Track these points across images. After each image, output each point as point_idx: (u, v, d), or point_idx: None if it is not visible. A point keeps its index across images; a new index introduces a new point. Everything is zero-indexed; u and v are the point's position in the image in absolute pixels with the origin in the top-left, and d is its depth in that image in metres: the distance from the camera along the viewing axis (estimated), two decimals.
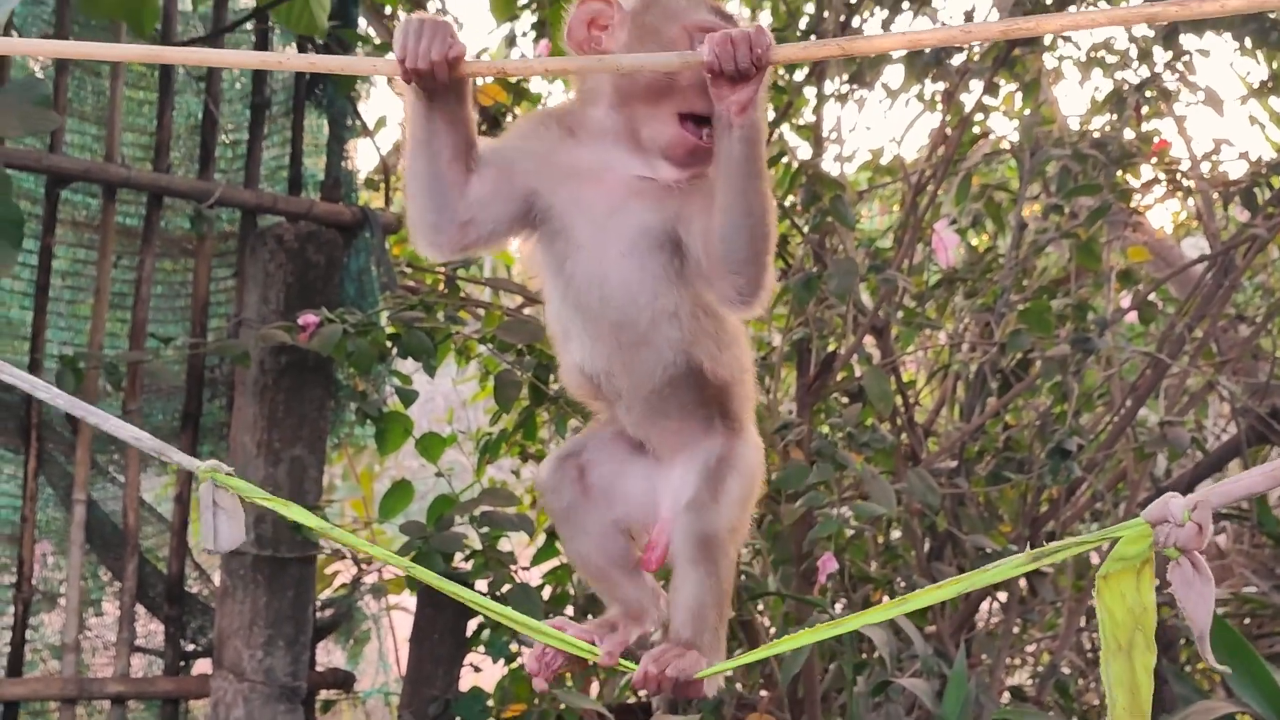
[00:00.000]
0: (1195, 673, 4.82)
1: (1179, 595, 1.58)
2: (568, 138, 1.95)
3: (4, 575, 4.56)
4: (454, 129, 1.86)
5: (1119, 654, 1.60)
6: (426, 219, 1.91)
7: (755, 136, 1.78)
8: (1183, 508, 1.55)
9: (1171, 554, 1.57)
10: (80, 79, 4.67)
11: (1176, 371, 4.73)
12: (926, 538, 4.52)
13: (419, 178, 1.89)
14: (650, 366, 1.92)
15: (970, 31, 1.88)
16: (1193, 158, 4.94)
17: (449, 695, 4.45)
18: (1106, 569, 1.59)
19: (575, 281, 1.91)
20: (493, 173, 1.92)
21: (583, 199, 1.91)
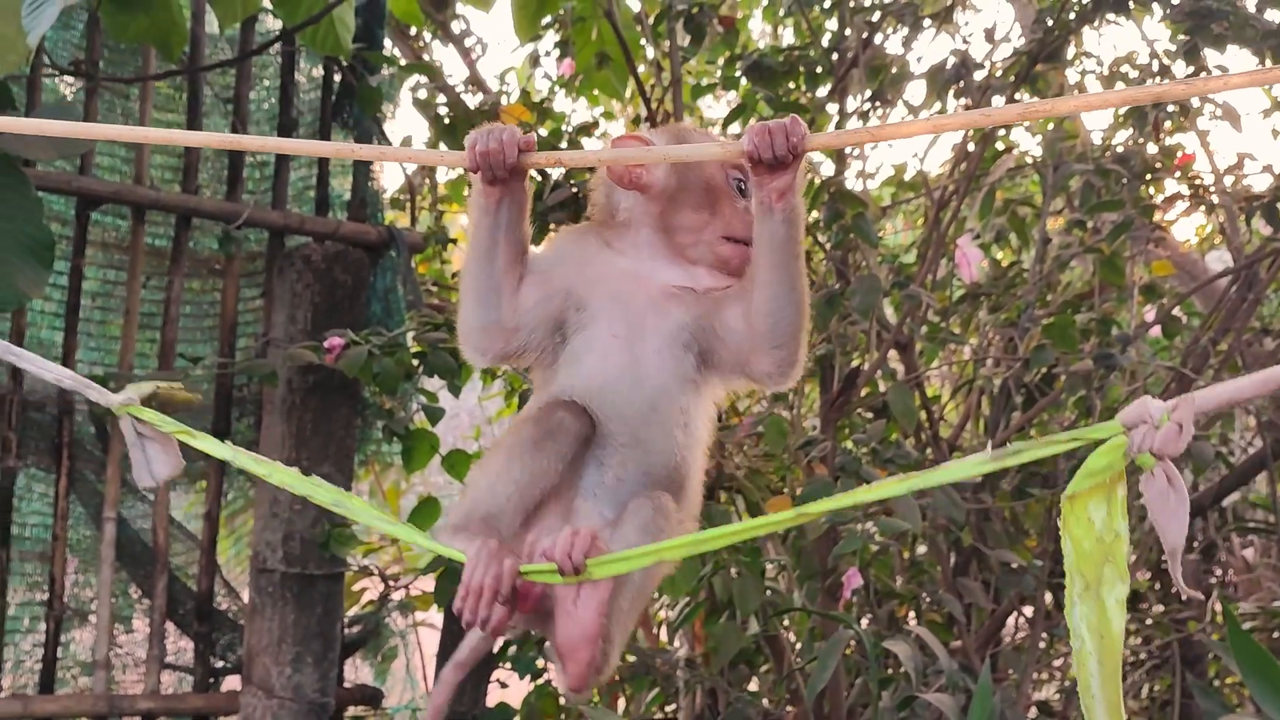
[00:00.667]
0: (1223, 687, 4.81)
1: (1152, 508, 1.47)
2: (606, 248, 2.08)
3: (36, 592, 4.60)
4: (513, 237, 1.98)
5: (1087, 593, 1.47)
6: (479, 320, 2.01)
7: (795, 219, 1.91)
8: (1162, 408, 1.46)
9: (1146, 462, 1.46)
10: (110, 102, 4.72)
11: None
12: (952, 553, 4.52)
13: (477, 281, 2.00)
14: (657, 453, 1.99)
15: (990, 116, 2.02)
16: (1216, 172, 4.93)
17: (475, 711, 4.47)
18: (1074, 488, 1.48)
19: (605, 367, 1.99)
20: (539, 280, 2.03)
21: (620, 295, 2.02)
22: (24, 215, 3.52)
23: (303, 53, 4.85)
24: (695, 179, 2.05)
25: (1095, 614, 1.47)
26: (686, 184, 2.05)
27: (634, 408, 1.98)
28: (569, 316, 2.02)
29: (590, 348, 2.01)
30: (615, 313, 2.01)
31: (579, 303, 2.02)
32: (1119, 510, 1.47)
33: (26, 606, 4.61)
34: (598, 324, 2.01)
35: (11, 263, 3.47)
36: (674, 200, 2.05)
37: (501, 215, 1.96)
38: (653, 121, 5.01)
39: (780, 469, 4.54)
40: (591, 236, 2.11)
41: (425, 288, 5.16)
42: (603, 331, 2.00)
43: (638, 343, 2.00)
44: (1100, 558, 1.47)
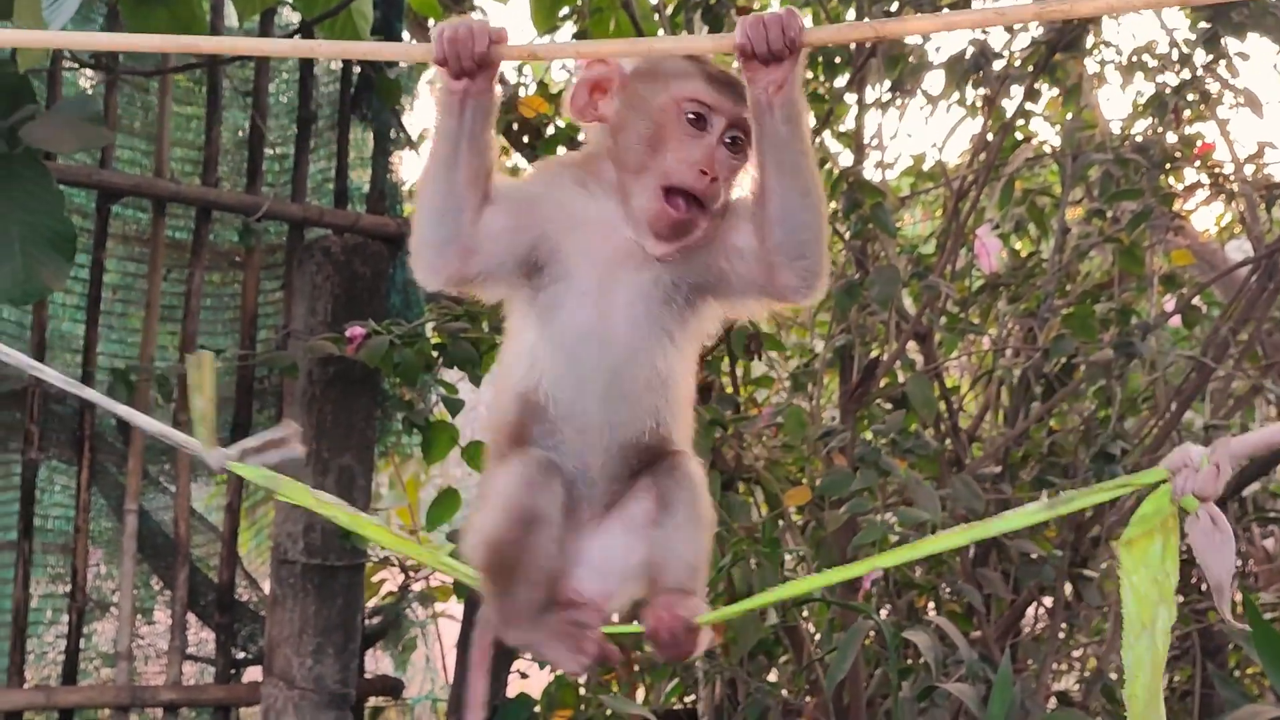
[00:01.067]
0: (1244, 678, 4.80)
1: (1198, 548, 1.57)
2: (580, 189, 1.91)
3: (58, 584, 4.63)
4: (476, 146, 1.84)
5: (1143, 633, 1.60)
6: (434, 236, 1.86)
7: (796, 114, 1.77)
8: (1201, 453, 1.57)
9: (1190, 505, 1.56)
10: (130, 95, 4.74)
11: (1222, 375, 4.70)
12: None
13: (435, 194, 1.85)
14: (634, 424, 1.88)
15: (1004, 14, 1.86)
16: (1236, 161, 4.91)
17: (496, 701, 4.48)
18: (1129, 534, 1.59)
19: (572, 326, 1.85)
20: (507, 208, 1.88)
21: (591, 249, 1.87)
22: (45, 208, 3.53)
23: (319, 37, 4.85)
24: (643, 110, 1.87)
25: (1150, 653, 1.60)
26: (634, 116, 1.87)
27: (603, 375, 1.85)
28: (544, 262, 1.88)
29: (553, 311, 1.87)
30: (585, 266, 1.86)
31: (553, 250, 1.88)
32: (1172, 552, 1.58)
33: (49, 599, 4.64)
34: (570, 278, 1.86)
35: (33, 255, 3.48)
36: (624, 135, 1.88)
37: (466, 118, 1.81)
38: None
39: (799, 460, 4.54)
40: (568, 175, 1.94)
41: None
42: (574, 287, 1.86)
43: (605, 301, 1.85)
44: (1155, 598, 1.59)
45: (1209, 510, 1.56)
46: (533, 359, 1.88)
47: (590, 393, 1.86)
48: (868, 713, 4.18)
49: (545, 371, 1.87)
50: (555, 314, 1.86)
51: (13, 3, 2.99)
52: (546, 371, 1.87)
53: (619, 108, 1.89)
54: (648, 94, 1.86)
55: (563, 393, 1.86)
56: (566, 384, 1.86)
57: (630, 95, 1.88)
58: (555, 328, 1.86)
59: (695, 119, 1.84)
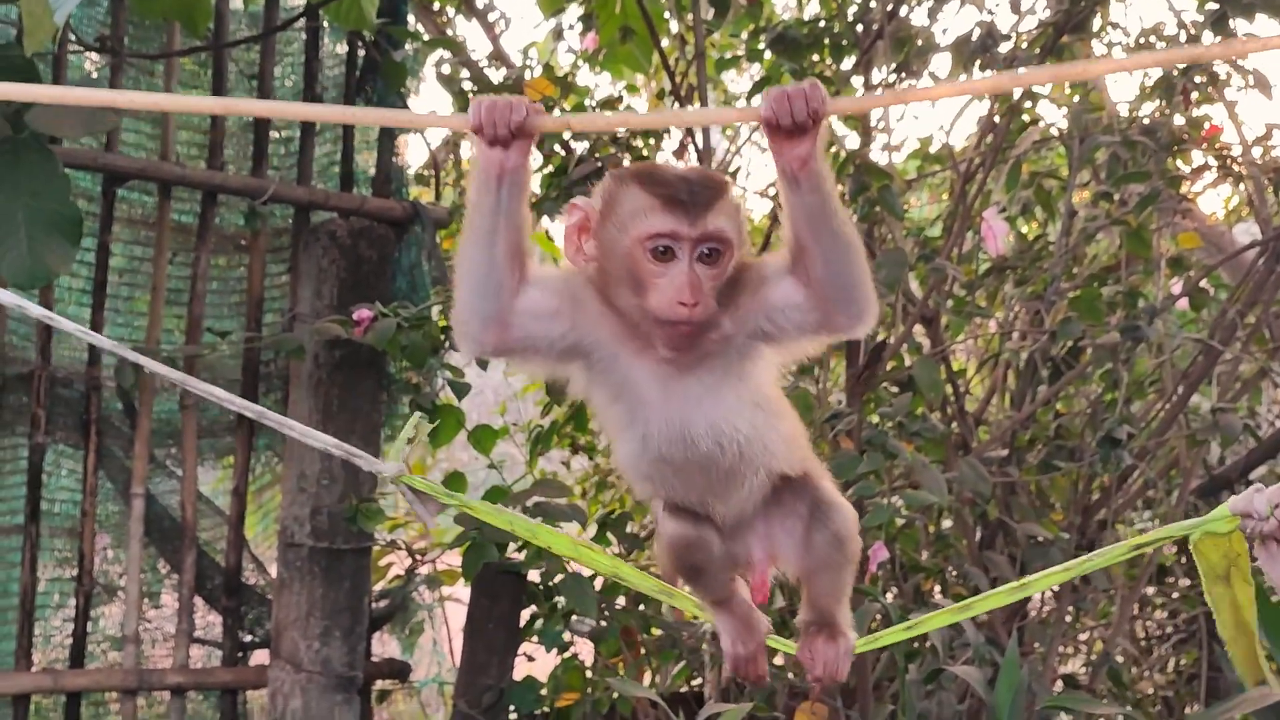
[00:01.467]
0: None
1: (1265, 568, 1.73)
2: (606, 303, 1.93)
3: (65, 568, 4.63)
4: (513, 223, 1.87)
5: (1218, 581, 1.79)
6: (476, 309, 1.89)
7: (823, 184, 1.82)
8: (1267, 503, 1.71)
9: (1257, 539, 1.74)
10: (135, 79, 4.72)
11: (1229, 358, 4.70)
12: (978, 526, 4.52)
13: (476, 268, 1.88)
14: (741, 491, 1.97)
15: (1019, 77, 1.96)
16: (1244, 143, 4.90)
17: (503, 684, 4.49)
18: (1196, 539, 1.79)
19: (653, 439, 1.93)
20: (552, 294, 1.92)
21: (640, 364, 1.92)
22: (51, 192, 3.53)
23: (327, 28, 4.84)
24: (613, 254, 1.89)
25: (1228, 594, 1.80)
26: (608, 260, 1.90)
27: (699, 466, 1.93)
28: (599, 364, 1.94)
29: (630, 423, 1.94)
30: (642, 376, 1.92)
31: (604, 363, 1.94)
32: (1240, 541, 1.77)
33: (56, 582, 4.64)
34: (634, 388, 1.93)
35: (39, 239, 3.48)
36: (607, 275, 1.91)
37: (503, 195, 1.84)
38: (677, 95, 5.00)
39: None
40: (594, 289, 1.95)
41: (450, 263, 5.15)
42: (641, 397, 1.93)
43: (678, 406, 1.91)
44: (1225, 564, 1.79)
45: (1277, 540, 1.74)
46: (635, 467, 1.98)
47: (696, 484, 1.96)
48: (874, 695, 4.19)
49: (650, 476, 1.98)
50: (633, 426, 1.94)
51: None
52: (652, 477, 1.98)
53: (596, 250, 1.92)
54: (614, 237, 1.89)
55: (674, 489, 1.98)
56: (674, 484, 1.97)
57: (601, 238, 1.91)
58: (642, 440, 1.94)
59: (662, 251, 1.85)
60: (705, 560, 1.99)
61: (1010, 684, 3.46)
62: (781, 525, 2.04)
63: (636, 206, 1.87)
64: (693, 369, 1.91)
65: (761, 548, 2.05)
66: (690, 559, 1.99)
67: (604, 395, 1.96)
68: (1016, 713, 3.44)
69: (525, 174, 1.85)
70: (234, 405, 2.06)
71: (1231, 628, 1.81)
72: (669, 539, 1.99)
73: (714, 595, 2.07)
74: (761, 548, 2.05)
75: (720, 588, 2.05)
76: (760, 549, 2.05)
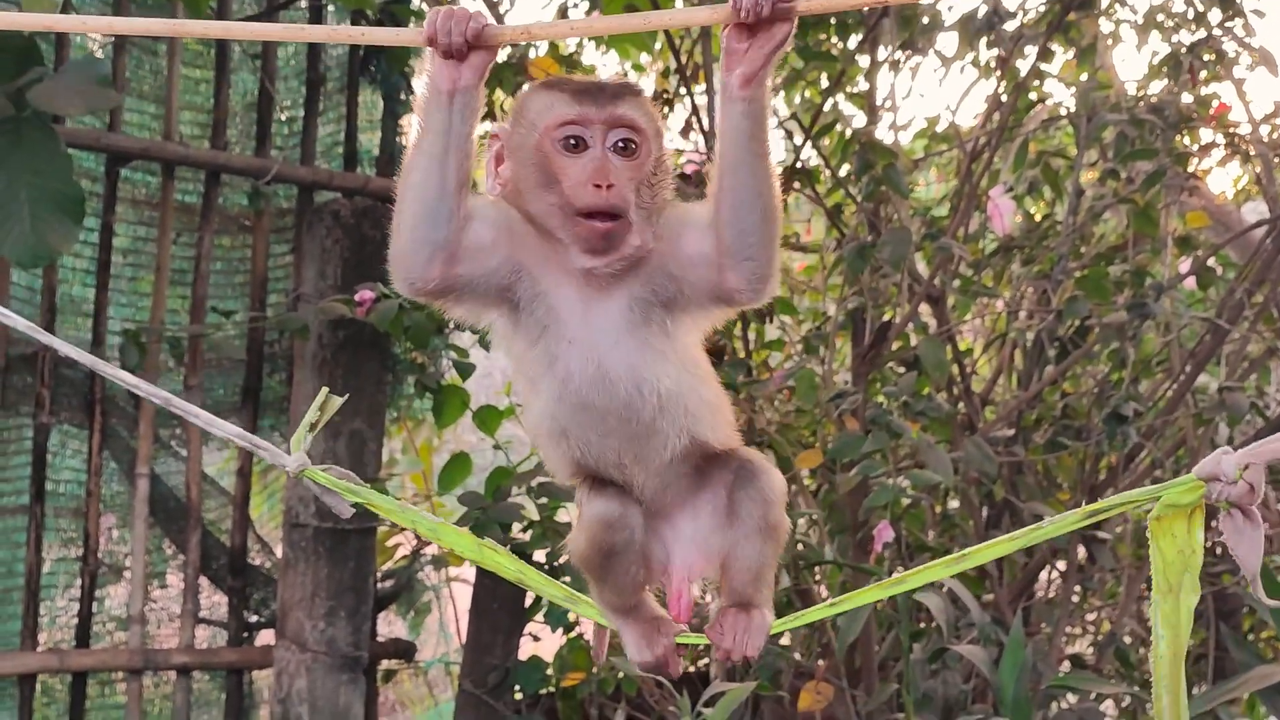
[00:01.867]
0: (1257, 640, 4.79)
1: (1230, 542, 1.64)
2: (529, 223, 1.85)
3: (71, 548, 4.64)
4: (463, 148, 1.77)
5: (1169, 595, 1.69)
6: (422, 238, 1.79)
7: (761, 113, 1.73)
8: (1235, 465, 1.61)
9: (1223, 506, 1.63)
10: (138, 59, 4.72)
11: (1236, 337, 4.68)
12: (984, 506, 4.50)
13: (423, 192, 1.78)
14: (663, 453, 1.87)
15: None
16: (1252, 121, 4.87)
17: (509, 664, 4.49)
18: (1158, 512, 1.67)
19: (573, 380, 1.83)
20: (492, 225, 1.82)
21: (564, 290, 1.83)
22: (53, 171, 3.53)
23: (331, 7, 4.83)
24: (526, 156, 1.81)
25: (1173, 614, 1.68)
26: (522, 165, 1.82)
27: (617, 414, 1.84)
28: (525, 299, 1.83)
29: (550, 367, 1.83)
30: (565, 309, 1.82)
31: (531, 297, 1.83)
32: (1198, 531, 1.66)
33: (62, 562, 4.65)
34: (555, 331, 1.83)
35: (41, 219, 3.48)
36: (522, 185, 1.82)
37: (454, 113, 1.75)
38: (682, 73, 4.97)
39: (811, 423, 4.53)
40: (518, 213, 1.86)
41: None
42: (560, 340, 1.82)
43: (596, 345, 1.82)
44: (1181, 567, 1.68)
45: (1243, 509, 1.63)
46: (561, 427, 1.87)
47: (615, 436, 1.86)
48: (879, 675, 4.18)
49: (567, 430, 1.87)
50: (553, 369, 1.84)
51: None
52: (568, 431, 1.87)
53: (511, 165, 1.84)
54: (523, 139, 1.82)
55: (590, 445, 1.87)
56: (591, 438, 1.86)
57: (512, 148, 1.84)
58: (561, 384, 1.84)
59: (572, 142, 1.79)
60: (625, 543, 1.86)
61: (1015, 663, 3.45)
62: (706, 505, 1.94)
63: (544, 104, 1.82)
64: (612, 292, 1.82)
65: (682, 556, 1.95)
66: (610, 539, 1.85)
67: (526, 339, 1.84)
68: (1021, 692, 3.43)
69: (478, 95, 1.76)
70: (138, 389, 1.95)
71: (1167, 662, 1.69)
72: (589, 517, 1.87)
73: (623, 598, 1.92)
74: (682, 556, 1.95)
75: (631, 588, 1.91)
76: (680, 556, 1.95)
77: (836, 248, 4.58)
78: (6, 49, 3.50)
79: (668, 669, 1.94)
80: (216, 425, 1.93)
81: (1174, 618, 1.68)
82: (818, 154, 4.88)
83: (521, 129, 1.82)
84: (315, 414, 1.88)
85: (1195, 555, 1.66)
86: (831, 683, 3.97)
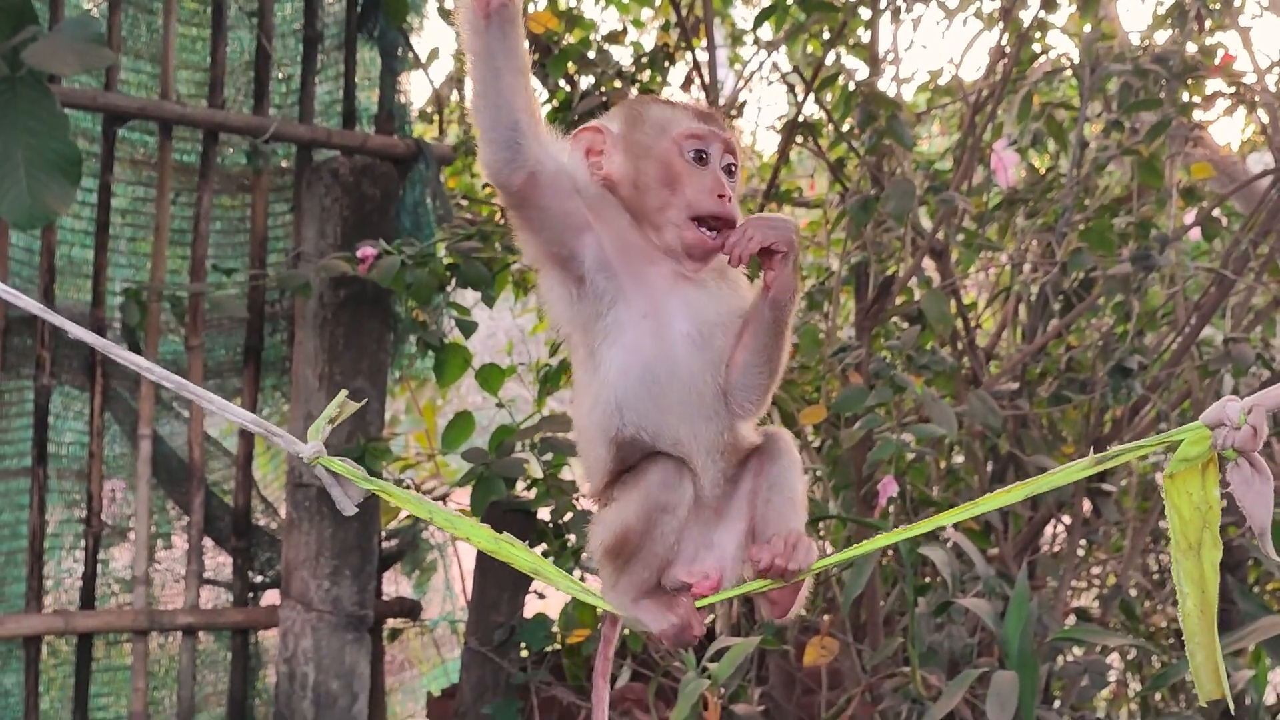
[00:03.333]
0: (1263, 592, 4.79)
1: (1238, 494, 1.63)
2: (628, 220, 1.95)
3: (74, 510, 4.64)
4: (513, 67, 1.83)
5: (1189, 552, 1.68)
6: (500, 157, 1.86)
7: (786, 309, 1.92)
8: (1239, 410, 1.61)
9: (1229, 455, 1.62)
10: (134, 17, 4.69)
11: (1242, 288, 4.66)
12: (989, 460, 4.50)
13: (493, 115, 1.84)
14: (717, 435, 1.95)
15: None
16: (1258, 70, 4.83)
17: (514, 622, 4.50)
18: (1172, 469, 1.66)
19: (642, 352, 1.91)
20: (570, 178, 1.91)
21: (646, 277, 1.93)
22: (50, 131, 3.51)
23: None
24: (650, 157, 1.95)
25: (1196, 570, 1.67)
26: (643, 164, 1.95)
27: (679, 395, 1.92)
28: (593, 272, 1.92)
29: (623, 331, 1.91)
30: (640, 292, 1.92)
31: (608, 266, 1.92)
32: (1213, 486, 1.65)
33: (66, 524, 4.65)
34: (629, 303, 1.92)
35: (39, 179, 3.46)
36: (637, 182, 1.95)
37: (493, 34, 1.81)
38: (683, 28, 4.94)
39: (815, 379, 4.52)
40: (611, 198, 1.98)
41: (455, 200, 5.12)
42: (634, 313, 1.91)
43: (665, 330, 1.92)
44: (1199, 524, 1.66)
45: (1250, 459, 1.62)
46: (611, 389, 1.92)
47: (674, 414, 1.93)
48: (884, 629, 4.19)
49: (624, 405, 1.92)
50: (621, 340, 1.92)
51: None
52: (625, 405, 1.92)
53: (622, 161, 1.96)
54: (647, 143, 1.96)
55: (649, 419, 1.92)
56: (650, 411, 1.92)
57: (631, 146, 1.97)
58: (624, 356, 1.92)
59: (699, 154, 1.95)
60: (676, 504, 1.90)
61: (1020, 617, 3.45)
62: (735, 511, 1.99)
63: (670, 115, 1.98)
64: (687, 280, 1.94)
65: (707, 549, 1.98)
66: (666, 499, 1.89)
67: (591, 309, 1.93)
68: (1026, 645, 3.43)
69: (513, 7, 1.81)
70: (151, 373, 1.96)
71: (1195, 618, 1.68)
72: (648, 477, 1.91)
73: (650, 572, 1.94)
74: (707, 549, 1.98)
75: (661, 563, 1.93)
76: (705, 550, 1.98)
77: (840, 202, 4.56)
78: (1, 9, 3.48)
79: (691, 632, 1.95)
80: (231, 411, 1.94)
81: (1197, 574, 1.67)
82: (820, 107, 4.85)
83: (645, 133, 1.97)
84: (335, 410, 1.88)
85: (1213, 511, 1.65)
86: (836, 637, 3.98)
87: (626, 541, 1.92)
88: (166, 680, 4.76)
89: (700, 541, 1.97)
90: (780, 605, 2.01)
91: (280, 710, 4.61)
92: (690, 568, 1.96)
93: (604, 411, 1.93)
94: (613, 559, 1.95)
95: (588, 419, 1.97)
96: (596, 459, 1.98)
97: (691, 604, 1.95)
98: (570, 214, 1.91)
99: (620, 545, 1.93)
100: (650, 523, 1.90)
